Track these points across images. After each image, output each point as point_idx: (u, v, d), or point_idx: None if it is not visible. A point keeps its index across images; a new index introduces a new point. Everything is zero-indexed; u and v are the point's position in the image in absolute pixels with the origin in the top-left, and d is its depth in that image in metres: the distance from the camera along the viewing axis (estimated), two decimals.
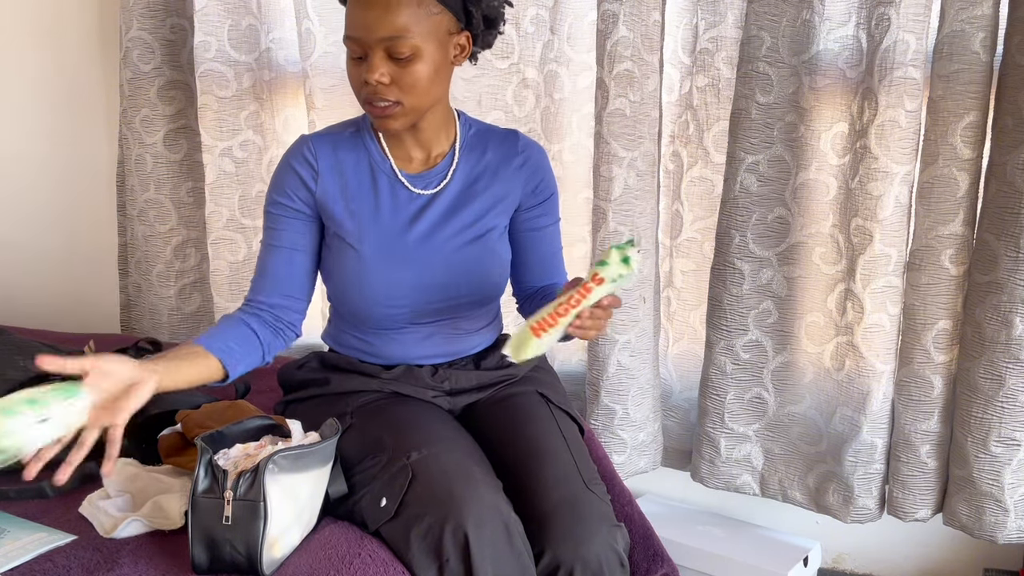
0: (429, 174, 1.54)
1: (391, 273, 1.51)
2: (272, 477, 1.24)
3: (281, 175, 1.53)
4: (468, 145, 1.57)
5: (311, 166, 1.51)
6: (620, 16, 1.89)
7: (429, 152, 1.55)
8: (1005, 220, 1.71)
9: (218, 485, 1.25)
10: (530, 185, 1.59)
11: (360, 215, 1.51)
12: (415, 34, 1.38)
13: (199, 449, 1.28)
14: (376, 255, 1.50)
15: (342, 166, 1.52)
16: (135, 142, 2.31)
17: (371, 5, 1.38)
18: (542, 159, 1.61)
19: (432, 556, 1.29)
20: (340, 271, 1.53)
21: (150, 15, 2.25)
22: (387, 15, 1.37)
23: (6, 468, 1.54)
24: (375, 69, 1.39)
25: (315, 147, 1.52)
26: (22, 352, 1.84)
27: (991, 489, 1.80)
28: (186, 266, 2.39)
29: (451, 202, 1.54)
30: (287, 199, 1.52)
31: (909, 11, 1.72)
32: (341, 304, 1.58)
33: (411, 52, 1.39)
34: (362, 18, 1.38)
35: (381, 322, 1.55)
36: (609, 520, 1.42)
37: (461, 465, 1.38)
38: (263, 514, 1.23)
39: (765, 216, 1.92)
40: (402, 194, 1.53)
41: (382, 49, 1.38)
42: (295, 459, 1.28)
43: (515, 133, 1.61)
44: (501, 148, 1.58)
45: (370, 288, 1.51)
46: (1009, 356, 1.73)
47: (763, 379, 2.00)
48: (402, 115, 1.44)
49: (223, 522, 1.23)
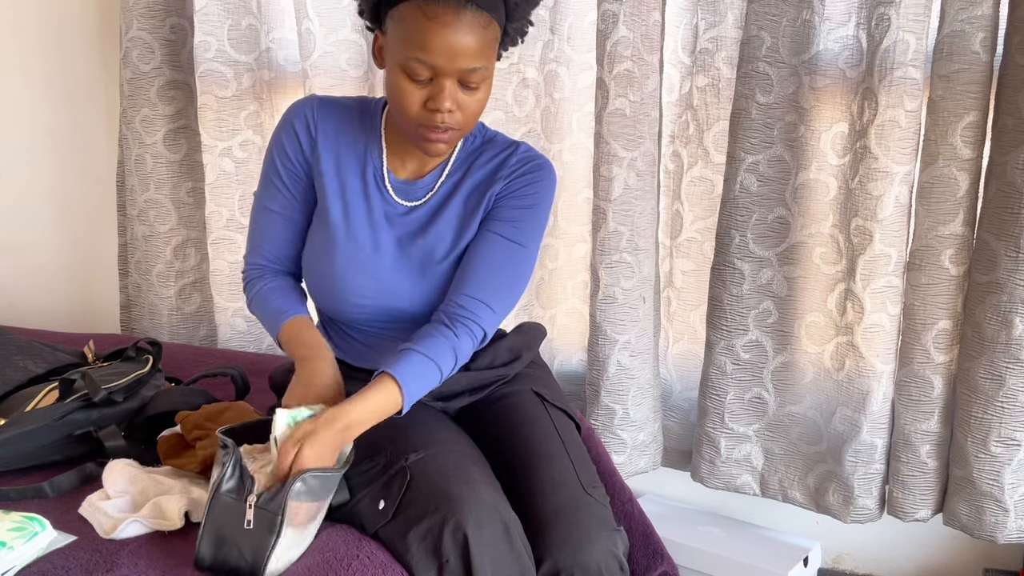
0: (416, 185, 1.50)
1: (355, 274, 1.48)
2: (294, 495, 1.25)
3: (280, 133, 1.51)
4: (462, 159, 1.52)
5: (310, 133, 1.49)
6: (620, 16, 1.89)
7: (425, 163, 1.51)
8: (1005, 220, 1.71)
9: (243, 488, 1.25)
10: (510, 188, 1.48)
11: (348, 203, 1.49)
12: (488, 64, 1.35)
13: (222, 444, 1.29)
14: (346, 249, 1.48)
15: (340, 145, 1.50)
16: (135, 142, 2.31)
17: (458, 33, 1.29)
18: (539, 172, 1.50)
19: (432, 557, 1.29)
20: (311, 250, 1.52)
21: (150, 15, 2.25)
22: (474, 46, 1.31)
23: (6, 468, 1.55)
24: (449, 98, 1.33)
25: (319, 115, 1.49)
26: (22, 352, 1.84)
27: (991, 489, 1.80)
28: (186, 266, 2.39)
29: (426, 220, 1.49)
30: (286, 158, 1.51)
31: (909, 11, 1.72)
32: (308, 287, 1.57)
33: (481, 81, 1.35)
34: (445, 45, 1.29)
35: (340, 316, 1.54)
36: (608, 525, 1.41)
37: (459, 466, 1.38)
38: (277, 529, 1.23)
39: (765, 216, 1.92)
40: (387, 198, 1.50)
41: (459, 78, 1.33)
42: (323, 480, 1.28)
43: (517, 145, 1.52)
44: (493, 162, 1.50)
45: (334, 281, 1.49)
46: (1009, 356, 1.73)
47: (763, 379, 2.00)
48: (456, 140, 1.40)
49: (244, 526, 1.24)
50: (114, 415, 1.64)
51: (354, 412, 1.32)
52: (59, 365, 1.84)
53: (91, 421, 1.61)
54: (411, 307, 1.50)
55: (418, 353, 1.38)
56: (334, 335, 1.59)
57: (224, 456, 1.29)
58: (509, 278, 1.47)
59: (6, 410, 1.66)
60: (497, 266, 1.46)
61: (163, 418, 1.64)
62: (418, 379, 1.38)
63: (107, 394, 1.63)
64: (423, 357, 1.38)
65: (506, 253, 1.47)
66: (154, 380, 1.75)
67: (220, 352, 2.17)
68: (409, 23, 1.31)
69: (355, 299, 1.50)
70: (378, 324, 1.53)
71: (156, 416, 1.65)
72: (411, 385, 1.36)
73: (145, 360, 1.80)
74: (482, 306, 1.44)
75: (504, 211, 1.48)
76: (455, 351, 1.42)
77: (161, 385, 1.77)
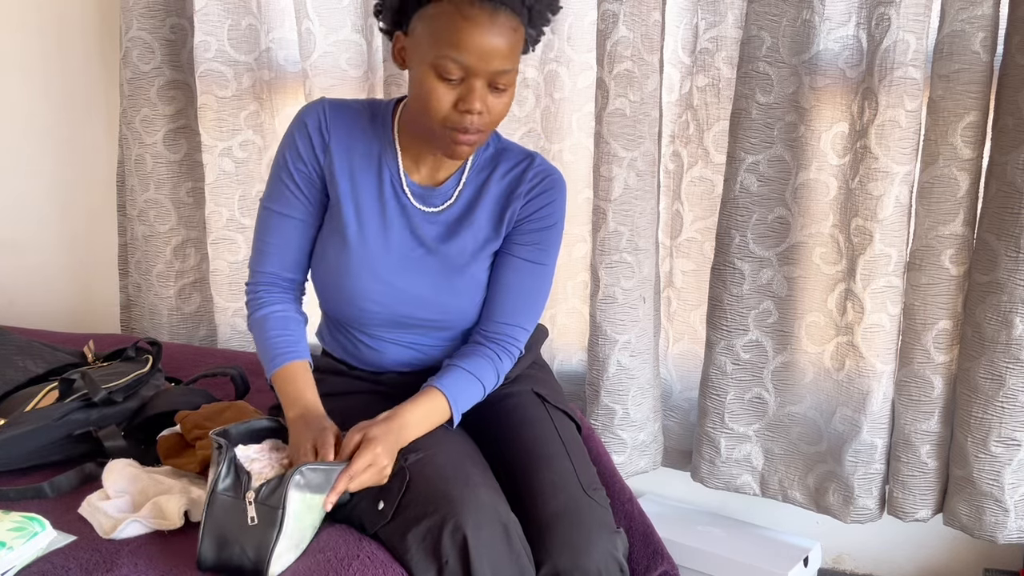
0: (435, 191, 1.50)
1: (369, 279, 1.48)
2: (297, 488, 1.25)
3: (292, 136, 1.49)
4: (479, 167, 1.52)
5: (323, 136, 1.48)
6: (620, 16, 1.89)
7: (439, 169, 1.50)
8: (1005, 220, 1.71)
9: (241, 485, 1.26)
10: (529, 210, 1.51)
11: (361, 206, 1.48)
12: (515, 67, 1.36)
13: (216, 445, 1.29)
14: (360, 253, 1.48)
15: (352, 148, 1.48)
16: (135, 142, 2.31)
17: (492, 33, 1.30)
18: (553, 190, 1.52)
19: (431, 558, 1.29)
20: (323, 255, 1.51)
21: (150, 15, 2.25)
22: (506, 48, 1.32)
23: (6, 468, 1.55)
24: (480, 99, 1.33)
25: (330, 117, 1.48)
26: (22, 352, 1.84)
27: (991, 489, 1.80)
28: (186, 266, 2.39)
29: (446, 228, 1.50)
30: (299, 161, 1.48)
31: (909, 11, 1.72)
32: (318, 291, 1.56)
33: (509, 84, 1.36)
34: (479, 45, 1.30)
35: (351, 322, 1.54)
36: (608, 527, 1.41)
37: (458, 467, 1.38)
38: (279, 523, 1.24)
39: (765, 216, 1.92)
40: (404, 203, 1.49)
41: (490, 80, 1.33)
42: (325, 474, 1.29)
43: (532, 158, 1.52)
44: (511, 175, 1.51)
45: (347, 285, 1.48)
46: (1009, 356, 1.73)
47: (763, 379, 2.00)
48: (479, 143, 1.40)
49: (249, 523, 1.24)
50: (114, 415, 1.64)
51: (407, 415, 1.40)
52: (59, 365, 1.84)
53: (91, 421, 1.61)
54: (424, 313, 1.50)
55: (463, 370, 1.48)
56: (341, 338, 1.58)
57: (218, 456, 1.29)
58: (538, 298, 1.56)
59: (6, 410, 1.66)
60: (527, 291, 1.54)
61: (163, 418, 1.64)
62: (464, 394, 1.47)
63: (107, 394, 1.63)
64: (468, 374, 1.48)
65: (532, 276, 1.54)
66: (154, 380, 1.75)
67: (220, 352, 2.17)
68: (443, 21, 1.31)
69: (367, 304, 1.49)
70: (389, 329, 1.53)
71: (156, 416, 1.65)
72: (459, 399, 1.46)
73: (145, 360, 1.80)
74: (518, 329, 1.54)
75: (525, 235, 1.52)
76: (497, 371, 1.52)
77: (161, 385, 1.77)
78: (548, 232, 1.53)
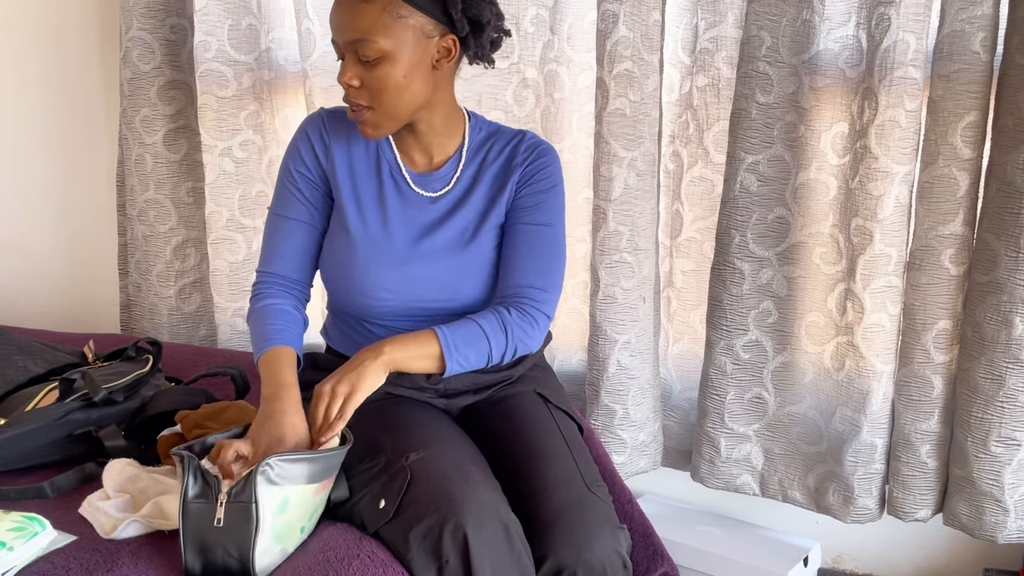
0: (433, 176, 1.55)
1: (378, 269, 1.51)
2: (265, 481, 1.24)
3: (296, 145, 1.57)
4: (474, 150, 1.57)
5: (323, 141, 1.55)
6: (620, 16, 1.89)
7: (431, 155, 1.56)
8: (1005, 220, 1.71)
9: (211, 489, 1.25)
10: (526, 176, 1.56)
11: (362, 202, 1.53)
12: (380, 37, 1.38)
13: (179, 458, 1.27)
14: (366, 246, 1.51)
15: (351, 149, 1.55)
16: (135, 142, 2.31)
17: (339, 7, 1.41)
18: (546, 157, 1.58)
19: (432, 557, 1.29)
20: (331, 253, 1.55)
21: (150, 15, 2.25)
22: (351, 18, 1.39)
23: (6, 468, 1.55)
24: (346, 71, 1.42)
25: (329, 124, 1.55)
26: (22, 352, 1.84)
27: (991, 489, 1.80)
28: (186, 266, 2.39)
29: (449, 208, 1.55)
30: (302, 165, 1.56)
31: (909, 11, 1.72)
32: (329, 289, 1.59)
33: (377, 55, 1.39)
34: (335, 20, 1.42)
35: (363, 314, 1.55)
36: (612, 522, 1.41)
37: (459, 466, 1.38)
38: (255, 516, 1.23)
39: (765, 216, 1.92)
40: (405, 191, 1.55)
41: (352, 52, 1.41)
42: (292, 464, 1.28)
43: (523, 134, 1.59)
44: (505, 151, 1.57)
45: (357, 278, 1.52)
46: (1009, 356, 1.73)
47: (763, 379, 2.00)
48: (374, 121, 1.45)
49: (215, 524, 1.24)
50: (114, 415, 1.64)
51: (388, 345, 1.40)
52: (59, 365, 1.84)
53: (91, 421, 1.61)
54: (434, 295, 1.53)
55: (467, 319, 1.46)
56: (351, 332, 1.60)
57: (183, 468, 1.27)
58: (548, 257, 1.54)
59: (6, 410, 1.66)
60: (536, 250, 1.53)
61: (163, 418, 1.64)
62: (461, 341, 1.44)
63: (107, 394, 1.63)
64: (471, 322, 1.46)
65: (537, 237, 1.54)
66: (154, 380, 1.75)
67: (220, 352, 2.17)
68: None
69: (379, 292, 1.52)
70: (400, 318, 1.54)
71: (156, 416, 1.65)
72: (453, 342, 1.43)
73: (145, 360, 1.80)
74: (531, 289, 1.51)
75: (525, 199, 1.55)
76: (504, 325, 1.47)
77: (161, 385, 1.77)
78: (548, 194, 1.56)
